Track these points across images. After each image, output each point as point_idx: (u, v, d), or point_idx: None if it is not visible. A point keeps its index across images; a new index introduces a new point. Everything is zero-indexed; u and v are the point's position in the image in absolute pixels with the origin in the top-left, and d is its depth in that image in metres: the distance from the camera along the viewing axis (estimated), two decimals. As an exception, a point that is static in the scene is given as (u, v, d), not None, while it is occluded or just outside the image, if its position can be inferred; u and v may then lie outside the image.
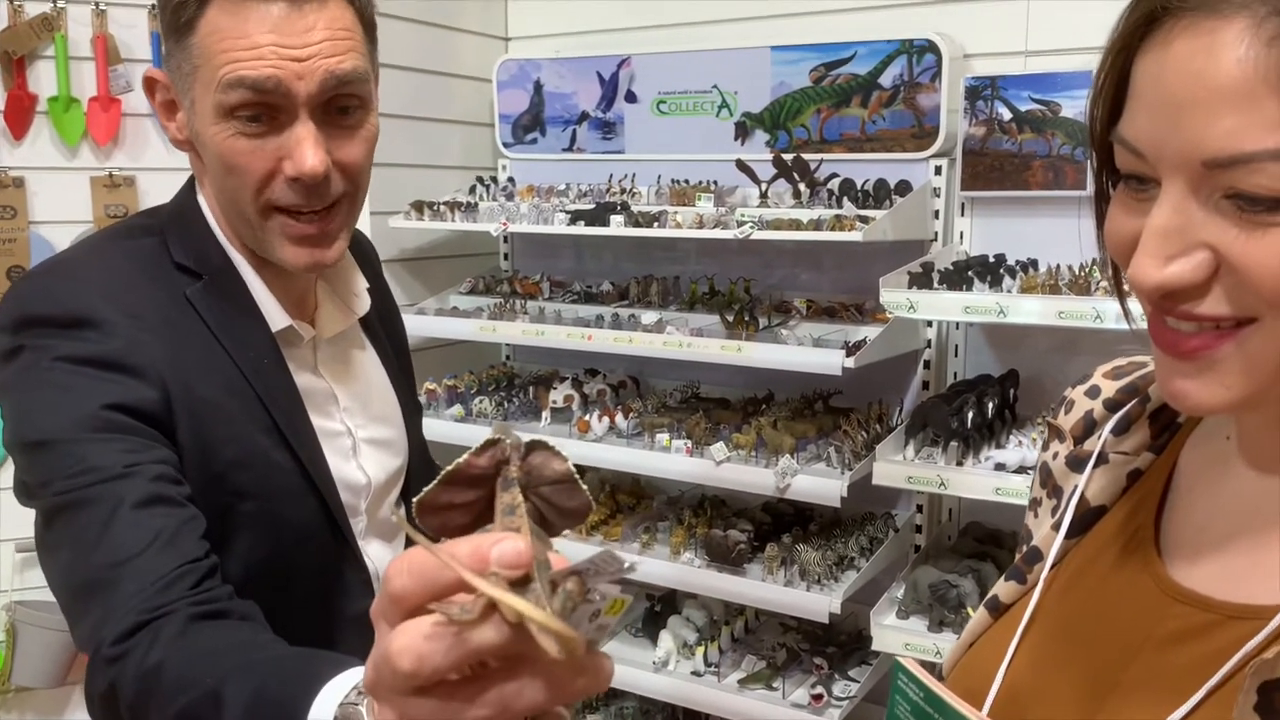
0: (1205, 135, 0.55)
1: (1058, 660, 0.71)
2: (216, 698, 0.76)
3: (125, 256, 1.09)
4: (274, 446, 1.07)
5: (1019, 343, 2.21)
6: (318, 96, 1.01)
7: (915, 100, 2.22)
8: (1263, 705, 0.56)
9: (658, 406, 2.45)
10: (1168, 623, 0.65)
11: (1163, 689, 0.62)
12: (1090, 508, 0.76)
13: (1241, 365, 0.59)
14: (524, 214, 2.47)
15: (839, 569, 2.14)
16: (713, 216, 2.23)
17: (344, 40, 1.02)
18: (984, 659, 0.76)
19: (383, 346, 1.30)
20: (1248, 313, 0.58)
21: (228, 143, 1.02)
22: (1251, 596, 0.62)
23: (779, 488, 2.06)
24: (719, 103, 2.46)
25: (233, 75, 0.99)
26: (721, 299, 2.44)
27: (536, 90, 2.70)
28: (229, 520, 1.02)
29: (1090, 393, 0.82)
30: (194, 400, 1.01)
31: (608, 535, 2.35)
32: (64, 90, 2.25)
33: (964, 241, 2.22)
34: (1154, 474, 0.74)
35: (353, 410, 1.20)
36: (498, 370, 2.76)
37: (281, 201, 1.04)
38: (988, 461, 1.96)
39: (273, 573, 1.05)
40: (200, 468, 1.00)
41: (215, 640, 0.84)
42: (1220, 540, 0.67)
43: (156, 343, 1.00)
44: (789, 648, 2.30)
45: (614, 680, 2.30)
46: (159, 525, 0.90)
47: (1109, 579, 0.71)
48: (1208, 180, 0.56)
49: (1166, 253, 0.58)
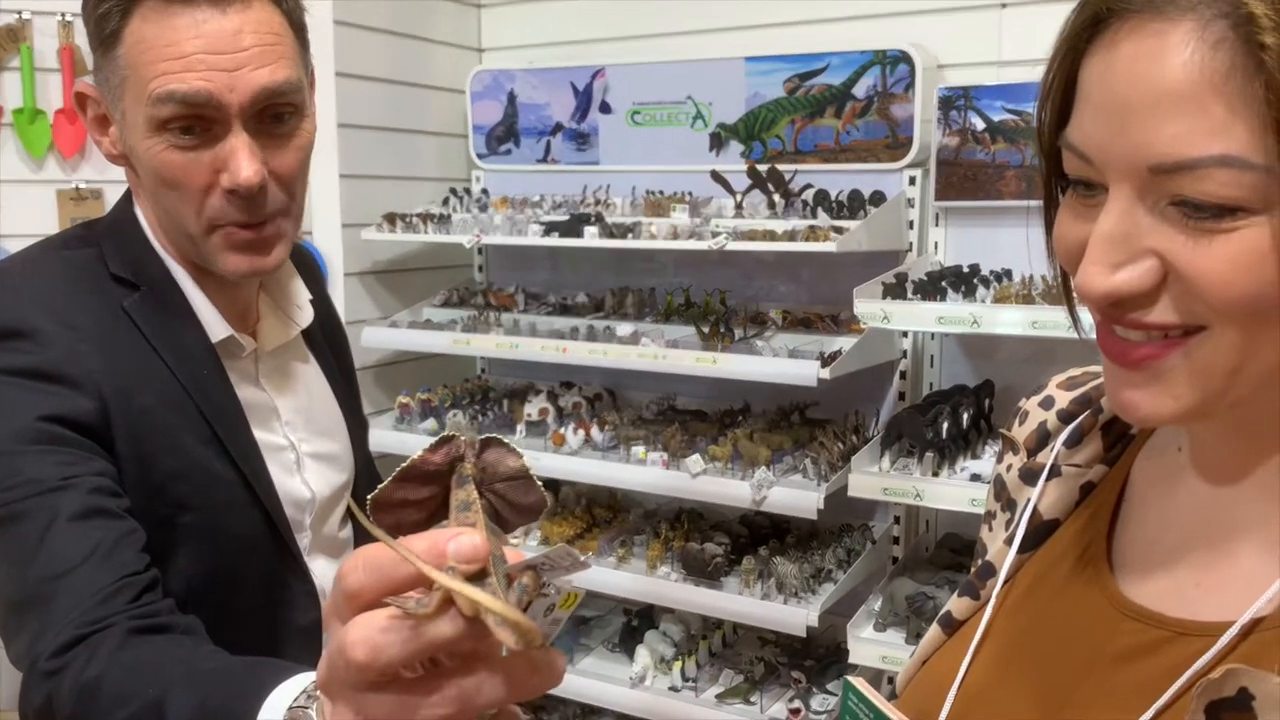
0: (1151, 140, 0.54)
1: (1009, 678, 0.70)
2: (159, 710, 0.75)
3: (62, 266, 1.07)
4: (215, 458, 1.05)
5: (994, 353, 2.21)
6: (250, 108, 1.00)
7: (889, 111, 2.22)
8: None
9: (633, 419, 2.43)
10: (1118, 640, 0.64)
11: (1114, 707, 0.61)
12: (1043, 521, 0.75)
13: (1189, 375, 0.58)
14: (498, 226, 2.45)
15: (816, 581, 2.12)
16: (688, 228, 2.22)
17: (274, 47, 1.00)
18: (936, 677, 0.75)
19: (326, 361, 1.28)
20: (1196, 321, 0.56)
21: (161, 156, 1.00)
22: (1199, 613, 0.61)
23: (755, 500, 2.05)
24: (693, 113, 2.45)
25: (162, 89, 0.97)
26: (697, 310, 2.42)
27: (510, 101, 2.69)
28: (170, 532, 1.00)
29: (1044, 404, 0.81)
30: (132, 411, 0.99)
31: (583, 549, 2.33)
32: (29, 102, 2.21)
33: (938, 251, 2.22)
34: (1107, 487, 0.73)
35: (295, 424, 1.19)
36: (472, 383, 2.73)
37: (221, 219, 1.03)
38: (963, 472, 1.96)
39: (216, 585, 1.04)
40: (140, 479, 0.98)
41: (156, 653, 0.83)
42: (1171, 554, 0.65)
43: (94, 353, 0.99)
44: (767, 661, 2.28)
45: (590, 696, 2.27)
46: (97, 538, 0.89)
47: (1061, 594, 0.70)
48: (1154, 186, 0.55)
49: (1113, 260, 0.57)
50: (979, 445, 2.05)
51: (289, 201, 1.07)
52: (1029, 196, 2.08)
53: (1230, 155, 0.52)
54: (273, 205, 1.05)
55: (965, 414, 2.01)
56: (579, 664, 2.38)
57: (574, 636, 2.44)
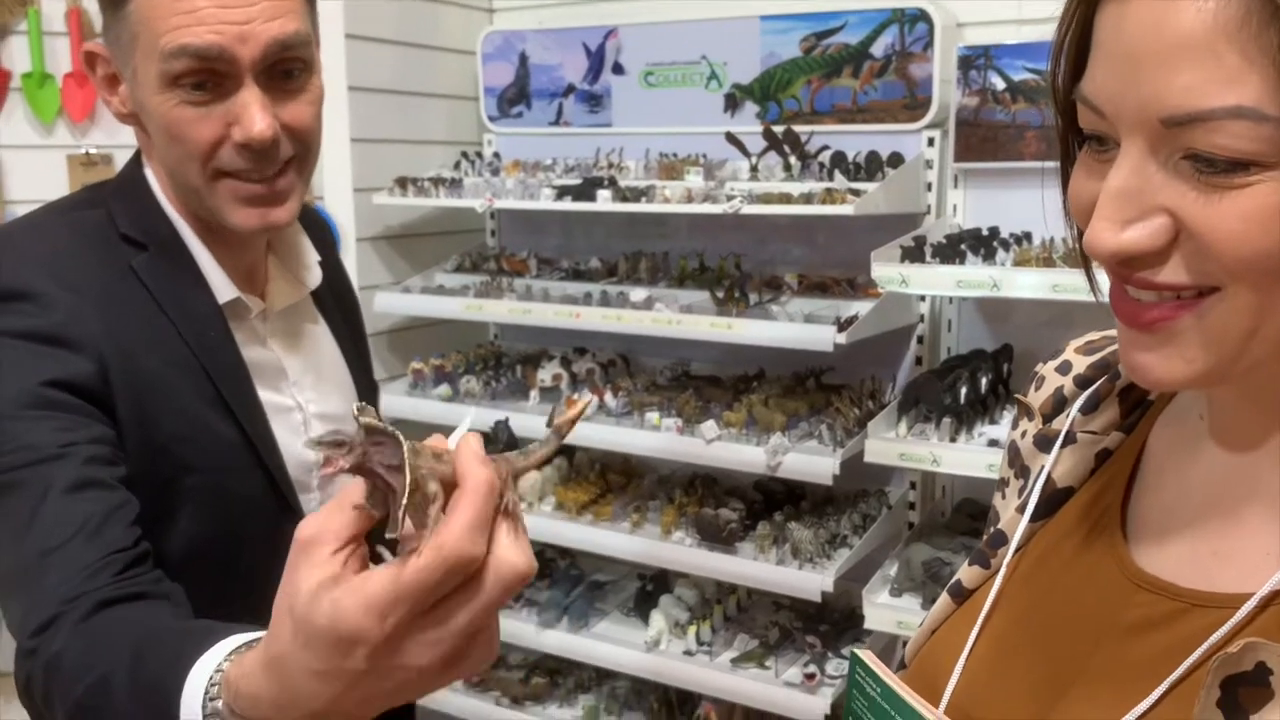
0: (1163, 92, 0.52)
1: (1018, 649, 0.68)
2: (106, 684, 0.77)
3: (68, 228, 1.07)
4: (219, 420, 1.06)
5: (1012, 317, 2.18)
6: (261, 61, 1.00)
7: (907, 70, 2.18)
8: (1226, 701, 0.53)
9: (647, 385, 2.42)
10: (1131, 611, 0.62)
11: (1125, 681, 0.59)
12: (1057, 489, 0.73)
13: (1202, 338, 0.56)
14: (510, 190, 2.43)
15: (831, 547, 2.12)
16: (702, 191, 2.19)
17: (283, 1, 1.01)
18: (945, 648, 0.73)
19: (335, 323, 1.27)
20: (1208, 282, 0.55)
21: (174, 112, 1.00)
22: (1216, 584, 0.60)
23: (770, 466, 2.04)
24: (708, 74, 2.41)
25: (174, 44, 0.97)
26: (711, 275, 2.40)
27: (522, 63, 2.65)
28: (173, 494, 1.02)
29: (1061, 369, 0.79)
30: (135, 373, 1.00)
31: (598, 515, 2.33)
32: (38, 66, 2.20)
33: (957, 214, 2.19)
34: (1123, 454, 0.71)
35: (303, 385, 1.19)
36: (485, 349, 2.72)
37: (230, 167, 1.03)
38: (981, 438, 1.94)
39: (218, 545, 1.05)
40: (142, 441, 0.99)
41: (113, 624, 0.83)
42: (1188, 524, 0.64)
43: (96, 315, 0.99)
44: (781, 626, 2.28)
45: (605, 660, 2.29)
46: (87, 512, 0.89)
47: (1073, 564, 0.68)
48: (1166, 140, 0.53)
49: (1124, 217, 0.55)
50: (997, 410, 2.02)
51: (302, 154, 1.08)
52: (1050, 158, 2.02)
53: (1244, 106, 0.50)
54: (284, 157, 1.05)
55: (984, 379, 1.99)
56: (594, 628, 2.38)
57: (588, 601, 2.44)
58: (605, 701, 2.47)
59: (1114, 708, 0.58)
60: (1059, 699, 0.63)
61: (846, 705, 0.68)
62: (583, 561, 2.63)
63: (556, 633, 2.37)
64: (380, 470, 0.60)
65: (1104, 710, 0.59)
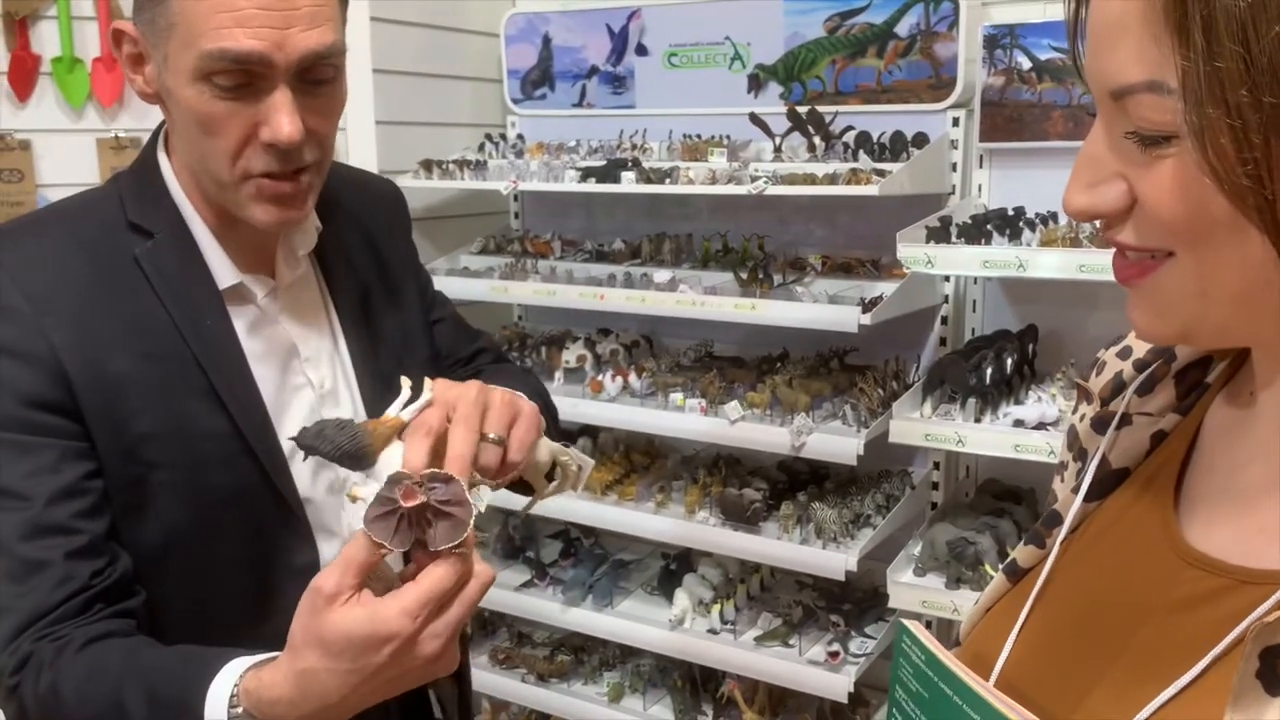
0: (1104, 67, 0.57)
1: (1069, 626, 0.70)
2: (120, 707, 0.92)
3: (73, 223, 1.11)
4: (206, 412, 1.08)
5: (1038, 297, 2.18)
6: (296, 67, 1.02)
7: (932, 50, 2.17)
8: (1265, 671, 0.54)
9: (671, 366, 2.43)
10: (1179, 587, 0.63)
11: (1170, 655, 0.60)
12: (1111, 470, 0.74)
13: (1165, 298, 0.60)
14: (534, 172, 2.44)
15: (855, 527, 2.13)
16: (726, 172, 2.19)
17: (323, 8, 1.03)
18: (998, 624, 0.75)
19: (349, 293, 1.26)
20: (1159, 245, 0.59)
21: (205, 105, 1.02)
22: (1264, 560, 0.60)
23: (794, 446, 2.05)
24: (731, 55, 2.41)
25: (215, 46, 0.99)
26: (735, 256, 2.40)
27: (545, 44, 2.65)
28: (143, 489, 1.06)
29: (1122, 354, 0.80)
30: (104, 378, 1.04)
31: (622, 495, 2.35)
32: (67, 51, 2.22)
33: (982, 194, 2.18)
34: (1178, 435, 0.72)
35: (317, 361, 1.20)
36: (510, 330, 2.74)
37: (256, 170, 1.05)
38: (1006, 418, 1.94)
39: (196, 535, 1.08)
40: (110, 443, 1.04)
41: (106, 655, 0.96)
42: (1237, 502, 0.64)
43: (60, 327, 1.03)
44: (805, 605, 2.30)
45: (629, 638, 2.34)
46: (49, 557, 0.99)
47: (1125, 542, 0.70)
48: (1116, 113, 0.58)
49: (1088, 180, 0.61)
50: (1022, 391, 2.03)
51: (321, 157, 1.10)
52: (1076, 137, 2.03)
53: (1155, 80, 0.54)
54: (306, 161, 1.08)
55: (1009, 359, 1.99)
56: (618, 606, 2.41)
57: (612, 579, 2.47)
58: (630, 679, 2.49)
59: (1158, 682, 0.60)
60: (1105, 673, 0.64)
61: (892, 675, 0.69)
62: (607, 541, 2.65)
63: (581, 611, 2.39)
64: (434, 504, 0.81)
65: (1148, 685, 0.60)
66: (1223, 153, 0.53)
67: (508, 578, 2.50)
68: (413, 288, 1.36)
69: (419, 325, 1.35)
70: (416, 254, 1.44)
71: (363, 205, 1.32)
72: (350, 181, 1.34)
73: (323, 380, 1.19)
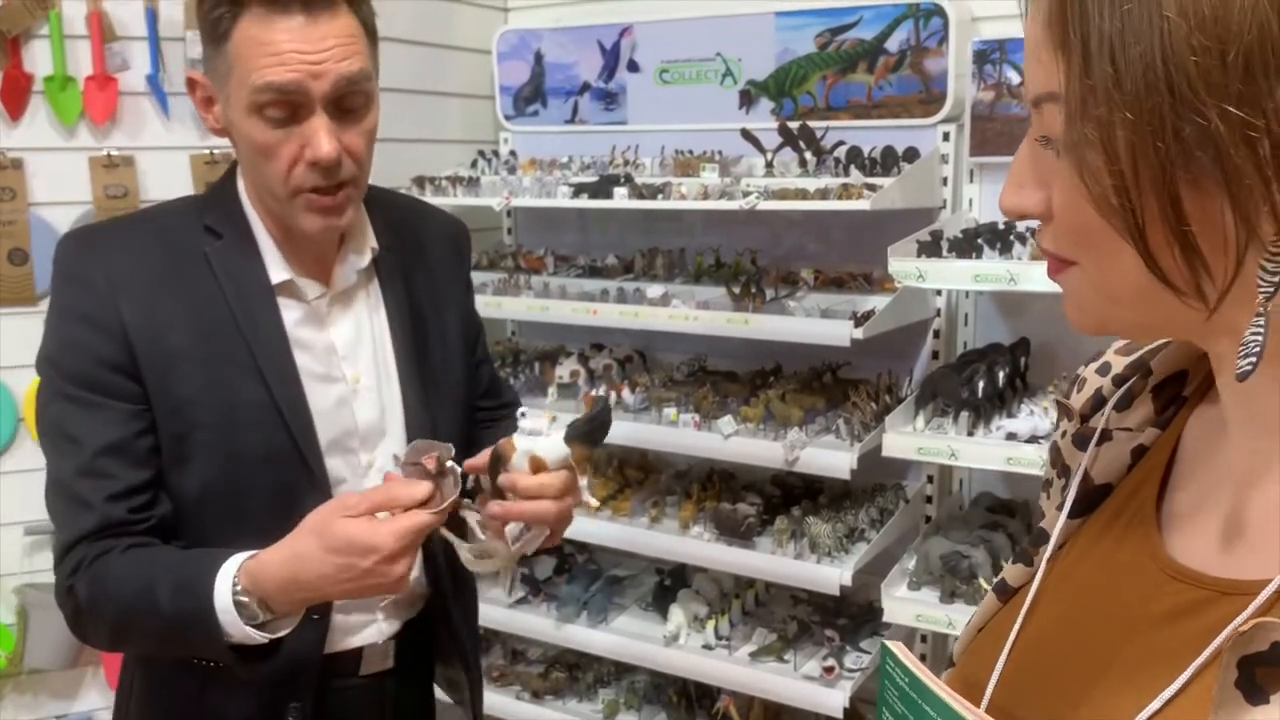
0: (1028, 76, 0.61)
1: (1057, 643, 0.70)
2: (150, 589, 1.19)
3: (160, 222, 1.35)
4: (250, 384, 1.28)
5: (1030, 310, 2.18)
6: (330, 94, 1.22)
7: (922, 65, 2.18)
8: (1243, 680, 0.54)
9: (665, 380, 2.43)
10: (1162, 601, 0.64)
11: (1155, 668, 0.61)
12: (1095, 486, 0.74)
13: (1080, 297, 0.64)
14: (526, 188, 2.44)
15: (849, 541, 2.13)
16: (718, 187, 2.20)
17: (350, 44, 1.23)
18: (988, 645, 0.75)
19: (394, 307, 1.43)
20: (1063, 253, 0.62)
21: (260, 135, 1.23)
22: (1243, 571, 0.61)
23: (788, 460, 2.05)
24: (723, 71, 2.42)
25: (262, 80, 1.19)
26: (728, 271, 2.41)
27: (537, 61, 2.67)
28: (186, 445, 1.27)
29: (1101, 370, 0.80)
30: (162, 349, 1.25)
31: (616, 510, 2.34)
32: (60, 69, 2.22)
33: (973, 208, 2.19)
34: (1158, 449, 0.72)
35: (355, 358, 1.39)
36: (503, 346, 2.74)
37: (305, 185, 1.25)
38: (999, 431, 1.94)
39: (227, 488, 1.28)
40: (162, 402, 1.26)
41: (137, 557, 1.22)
42: (1217, 513, 0.65)
43: (132, 304, 1.25)
44: (800, 620, 2.29)
45: (624, 654, 2.34)
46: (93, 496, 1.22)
47: (1110, 558, 0.70)
48: (1036, 118, 0.61)
49: (1016, 183, 0.64)
50: (1014, 404, 2.03)
51: (357, 172, 1.29)
52: (1066, 151, 2.03)
53: (1054, 92, 0.57)
54: (345, 175, 1.26)
55: (1001, 373, 1.99)
56: (613, 622, 2.40)
57: (607, 595, 2.46)
58: (624, 695, 2.48)
59: (1144, 695, 0.60)
60: (1093, 689, 0.65)
61: (879, 697, 0.68)
62: (601, 556, 2.65)
63: (576, 627, 2.38)
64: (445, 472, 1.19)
65: (1134, 698, 0.60)
66: (1092, 166, 0.56)
67: (502, 594, 2.50)
68: (456, 319, 1.52)
69: (459, 354, 1.51)
70: (471, 295, 1.60)
71: (434, 239, 1.52)
72: (427, 216, 1.57)
73: (357, 376, 1.38)
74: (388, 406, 1.41)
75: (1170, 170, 0.54)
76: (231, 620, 1.16)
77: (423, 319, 1.46)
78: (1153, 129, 0.53)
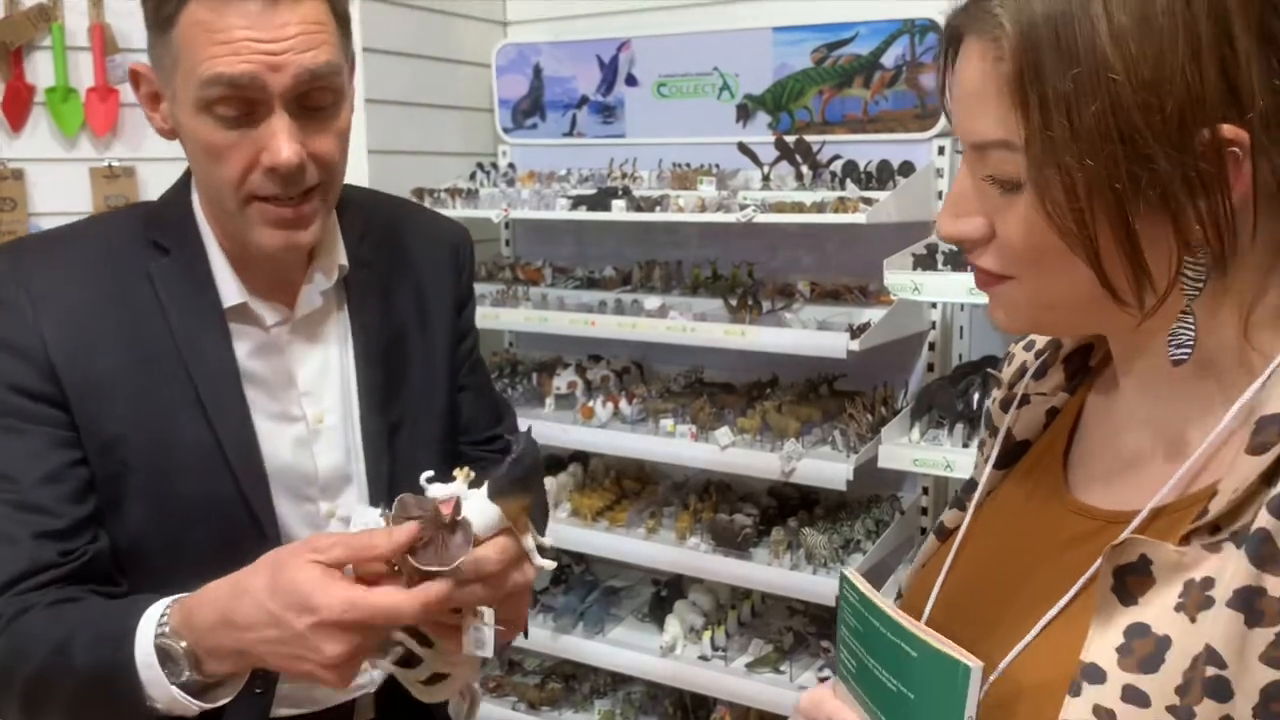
0: (966, 126, 0.71)
1: (982, 572, 0.85)
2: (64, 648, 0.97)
3: (99, 234, 1.18)
4: (189, 422, 1.10)
5: (1024, 323, 2.20)
6: (292, 90, 1.03)
7: (918, 80, 2.20)
8: (1118, 586, 0.67)
9: (661, 392, 2.44)
10: (1064, 531, 0.78)
11: (1056, 586, 0.74)
12: (1015, 442, 0.89)
13: (1012, 305, 0.75)
14: (525, 200, 2.46)
15: (845, 552, 2.14)
16: (715, 200, 2.21)
17: (317, 34, 1.04)
18: (927, 577, 0.89)
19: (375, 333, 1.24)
20: (1008, 272, 0.73)
21: (209, 135, 1.04)
22: (1126, 504, 0.74)
23: (784, 472, 2.06)
24: (720, 85, 2.44)
25: (210, 72, 1.00)
26: (725, 283, 2.43)
27: (536, 74, 2.68)
28: (116, 487, 1.09)
29: (1026, 346, 0.95)
30: (89, 375, 1.08)
31: (613, 521, 2.35)
32: (61, 81, 2.24)
33: (968, 222, 2.21)
34: (1067, 411, 0.87)
35: (317, 394, 1.19)
36: (500, 357, 2.75)
37: (260, 192, 1.06)
38: (994, 443, 1.95)
39: (161, 541, 1.10)
40: (91, 436, 1.08)
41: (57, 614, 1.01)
42: (1108, 459, 0.80)
43: (52, 324, 1.08)
44: (796, 631, 2.30)
45: (620, 665, 2.32)
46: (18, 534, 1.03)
47: (1026, 501, 0.85)
48: (977, 160, 0.72)
49: (954, 212, 0.75)
50: (1009, 416, 2.04)
51: (326, 181, 1.10)
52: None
53: (1006, 140, 0.68)
54: (309, 184, 1.08)
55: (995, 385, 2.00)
56: (609, 633, 2.40)
57: (604, 606, 2.47)
58: (621, 706, 2.49)
59: (1047, 607, 0.74)
60: (1008, 607, 0.78)
61: (838, 618, 0.80)
62: (598, 567, 2.65)
63: (572, 638, 2.39)
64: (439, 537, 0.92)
65: (1039, 610, 0.74)
66: (1056, 202, 0.66)
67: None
68: (444, 339, 1.32)
69: (443, 380, 1.31)
70: (471, 306, 1.39)
71: (424, 249, 1.32)
72: (421, 223, 1.36)
73: (320, 415, 1.19)
74: (355, 450, 1.21)
75: (1124, 205, 0.65)
76: (154, 678, 0.94)
77: (403, 342, 1.26)
78: (1109, 173, 0.64)
